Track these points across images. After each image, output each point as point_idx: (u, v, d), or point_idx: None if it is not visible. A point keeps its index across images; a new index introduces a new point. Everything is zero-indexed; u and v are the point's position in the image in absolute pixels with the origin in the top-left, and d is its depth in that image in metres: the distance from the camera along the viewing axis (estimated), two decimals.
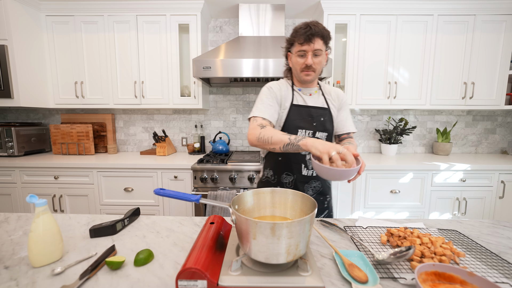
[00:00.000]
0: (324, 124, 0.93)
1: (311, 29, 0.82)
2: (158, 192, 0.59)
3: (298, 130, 0.91)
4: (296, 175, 0.95)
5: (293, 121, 0.91)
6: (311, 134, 0.91)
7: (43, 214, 0.57)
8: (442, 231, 0.73)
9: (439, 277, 0.47)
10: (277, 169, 0.98)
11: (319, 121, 0.92)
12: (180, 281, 0.45)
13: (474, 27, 1.82)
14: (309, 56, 0.85)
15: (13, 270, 0.54)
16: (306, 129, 0.91)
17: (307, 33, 0.82)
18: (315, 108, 0.93)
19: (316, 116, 0.92)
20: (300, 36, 0.84)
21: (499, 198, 1.71)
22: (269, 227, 0.45)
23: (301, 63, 0.87)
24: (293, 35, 0.87)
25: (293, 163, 0.94)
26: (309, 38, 0.82)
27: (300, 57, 0.87)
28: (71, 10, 1.86)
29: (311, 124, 0.91)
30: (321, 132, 0.92)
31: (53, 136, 2.03)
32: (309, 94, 0.95)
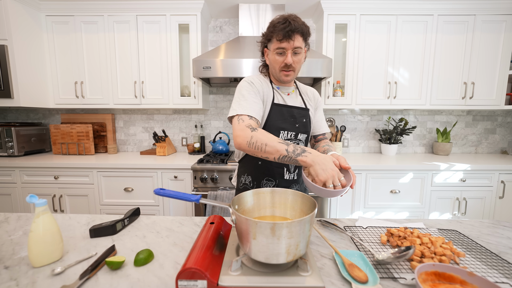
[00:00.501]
0: (305, 125, 0.88)
1: (290, 25, 0.74)
2: (158, 192, 0.59)
3: (280, 131, 0.84)
4: (278, 180, 0.88)
5: (275, 122, 0.84)
6: (293, 136, 0.86)
7: (43, 214, 0.57)
8: (442, 231, 0.73)
9: (439, 277, 0.47)
10: (256, 175, 0.89)
11: (301, 123, 0.86)
12: (180, 281, 0.45)
13: (474, 27, 1.82)
14: (289, 54, 0.78)
15: (13, 270, 0.54)
16: (288, 131, 0.85)
17: (286, 29, 0.74)
18: (297, 109, 0.87)
19: (298, 117, 0.86)
20: (278, 32, 0.76)
21: (499, 198, 1.71)
22: (269, 227, 0.45)
23: (280, 62, 0.80)
24: (270, 30, 0.79)
25: (275, 167, 0.87)
26: (288, 34, 0.75)
27: (278, 55, 0.80)
28: (71, 10, 1.86)
29: (293, 126, 0.85)
30: (303, 134, 0.88)
31: (53, 136, 2.03)
32: (287, 94, 0.89)
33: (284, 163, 0.83)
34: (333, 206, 1.72)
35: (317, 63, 1.62)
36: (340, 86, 1.96)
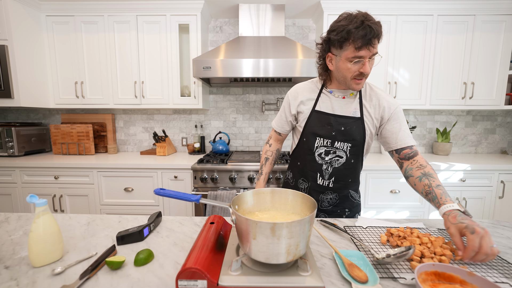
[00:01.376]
0: (347, 133, 0.82)
1: (372, 31, 0.67)
2: (158, 192, 0.59)
3: (316, 137, 0.86)
4: (311, 183, 0.90)
5: (312, 128, 0.86)
6: (330, 143, 0.84)
7: (43, 214, 0.57)
8: (442, 231, 0.73)
9: (439, 277, 0.47)
10: (295, 173, 0.96)
11: (339, 131, 0.83)
12: (180, 281, 0.45)
13: (474, 27, 1.82)
14: (367, 63, 0.71)
15: (13, 270, 0.54)
16: (324, 138, 0.84)
17: (368, 37, 0.67)
18: (338, 117, 0.83)
19: (336, 125, 0.83)
20: (357, 39, 0.68)
21: (499, 198, 1.71)
22: (269, 227, 0.45)
23: (354, 71, 0.73)
24: (343, 35, 0.70)
25: (309, 170, 0.89)
26: (369, 41, 0.68)
27: (353, 64, 0.73)
28: (71, 10, 1.86)
29: (329, 133, 0.84)
30: (342, 142, 0.83)
31: (53, 136, 2.03)
32: (342, 97, 0.84)
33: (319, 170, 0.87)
34: None
35: None
36: None
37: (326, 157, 0.85)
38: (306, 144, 0.88)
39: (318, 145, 0.86)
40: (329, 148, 0.85)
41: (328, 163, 0.85)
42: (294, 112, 0.91)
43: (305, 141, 0.89)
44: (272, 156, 1.01)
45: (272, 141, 1.03)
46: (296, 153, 0.95)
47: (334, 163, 0.85)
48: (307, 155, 0.88)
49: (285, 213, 0.63)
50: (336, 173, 0.86)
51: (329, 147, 0.85)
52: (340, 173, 0.86)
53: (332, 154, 0.85)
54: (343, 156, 0.84)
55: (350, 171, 0.87)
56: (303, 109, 0.88)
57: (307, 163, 0.89)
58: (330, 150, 0.85)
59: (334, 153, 0.84)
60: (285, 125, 0.96)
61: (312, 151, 0.87)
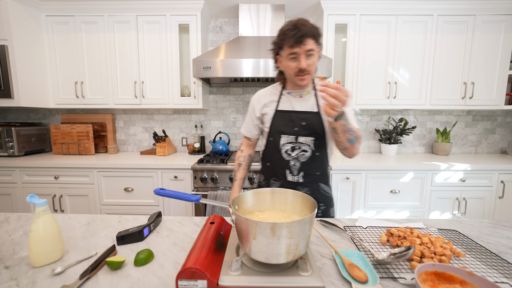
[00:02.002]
0: (308, 128, 0.88)
1: (300, 30, 0.76)
2: (158, 192, 0.59)
3: (281, 135, 0.91)
4: (282, 181, 0.94)
5: (276, 126, 0.92)
6: (294, 139, 0.89)
7: (43, 214, 0.57)
8: (442, 231, 0.73)
9: (439, 277, 0.47)
10: (266, 174, 1.00)
11: (300, 126, 0.88)
12: (180, 281, 0.46)
13: (474, 27, 1.82)
14: (302, 59, 0.79)
15: (14, 270, 0.54)
16: (288, 134, 0.90)
17: (297, 35, 0.76)
18: (298, 113, 0.89)
19: (297, 121, 0.89)
20: (288, 39, 0.77)
21: (499, 198, 1.71)
22: (269, 227, 0.45)
23: (293, 67, 0.82)
24: (280, 37, 0.81)
25: (278, 168, 0.93)
26: (299, 40, 0.76)
27: (291, 61, 0.81)
28: (71, 10, 1.86)
29: (292, 129, 0.89)
30: (305, 137, 0.88)
31: (53, 136, 2.03)
32: (300, 96, 0.91)
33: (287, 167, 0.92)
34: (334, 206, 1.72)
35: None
36: None
37: (292, 153, 0.90)
38: (273, 143, 0.93)
39: (284, 142, 0.90)
40: (294, 144, 0.90)
41: (295, 158, 0.90)
42: (259, 115, 0.97)
43: (271, 140, 0.94)
44: (245, 161, 1.05)
45: (244, 147, 1.07)
46: (265, 155, 1.00)
47: (301, 157, 0.90)
48: (275, 153, 0.93)
49: (285, 213, 0.63)
50: (304, 168, 0.91)
51: (293, 143, 0.90)
52: (307, 166, 0.91)
53: (297, 150, 0.90)
54: (307, 150, 0.89)
55: (317, 164, 0.92)
56: (267, 111, 0.95)
57: (276, 161, 0.94)
58: (295, 145, 0.90)
59: (299, 148, 0.89)
60: (252, 129, 1.01)
61: (279, 149, 0.91)
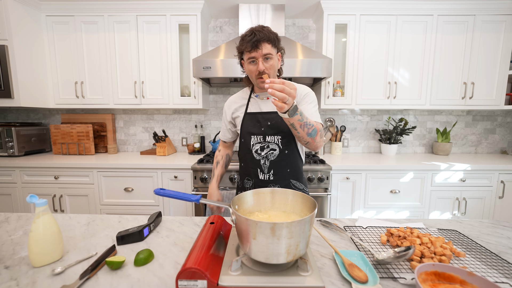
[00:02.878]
0: (274, 127, 0.92)
1: (255, 35, 0.82)
2: (158, 192, 0.59)
3: (251, 136, 0.95)
4: (254, 180, 0.98)
5: (246, 128, 0.96)
6: (262, 139, 0.93)
7: (43, 214, 0.57)
8: (442, 231, 0.73)
9: (439, 277, 0.47)
10: (241, 174, 1.04)
11: (266, 126, 0.92)
12: (180, 281, 0.46)
13: (474, 27, 1.82)
14: (260, 62, 0.84)
15: (14, 270, 0.54)
16: (257, 135, 0.94)
17: (253, 40, 0.82)
18: (263, 114, 0.94)
19: (263, 121, 0.93)
20: (246, 44, 0.83)
21: (499, 198, 1.71)
22: (269, 227, 0.45)
23: (254, 70, 0.86)
24: (240, 43, 0.87)
25: (251, 168, 0.97)
26: (255, 44, 0.82)
27: (251, 65, 0.87)
28: (71, 10, 1.86)
29: (260, 129, 0.93)
30: (272, 136, 0.92)
31: (53, 136, 2.03)
32: (267, 98, 0.95)
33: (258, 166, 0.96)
34: (333, 206, 1.72)
35: (317, 63, 1.62)
36: (340, 86, 1.96)
37: (262, 152, 0.94)
38: (245, 144, 0.98)
39: (254, 142, 0.95)
40: (263, 143, 0.94)
41: (265, 157, 0.94)
42: (230, 119, 1.03)
43: (243, 141, 0.98)
44: (223, 159, 1.11)
45: (221, 147, 1.14)
46: (240, 156, 1.04)
47: (270, 156, 0.94)
48: (246, 154, 0.98)
49: (285, 213, 0.63)
50: (274, 166, 0.94)
51: (262, 143, 0.94)
52: (277, 165, 0.94)
53: (266, 149, 0.94)
54: (276, 148, 0.93)
55: (287, 162, 0.95)
56: (238, 114, 1.00)
57: (248, 161, 0.98)
58: (264, 145, 0.94)
59: (268, 147, 0.93)
60: (226, 133, 1.08)
61: (250, 149, 0.96)
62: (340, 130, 2.13)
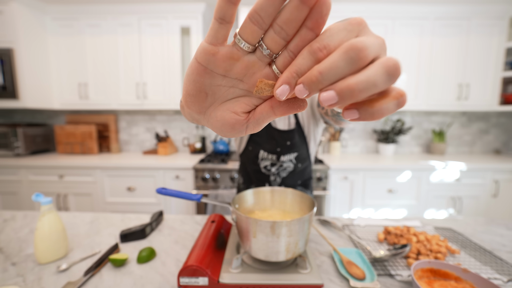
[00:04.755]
0: (292, 147, 0.81)
1: None
2: (160, 191, 0.60)
3: (260, 150, 0.83)
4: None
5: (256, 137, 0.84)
6: (275, 158, 0.82)
7: (48, 213, 0.58)
8: (438, 229, 0.74)
9: (434, 273, 0.48)
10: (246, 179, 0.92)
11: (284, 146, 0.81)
12: (182, 278, 0.47)
13: (469, 30, 1.83)
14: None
15: (20, 267, 0.56)
16: (268, 152, 0.82)
17: None
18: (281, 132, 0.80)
19: (280, 140, 0.81)
20: None
21: (493, 197, 1.71)
22: (269, 225, 0.46)
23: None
24: None
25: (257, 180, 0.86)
26: None
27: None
28: (76, 14, 1.89)
29: (274, 148, 0.82)
30: (288, 155, 0.82)
31: (58, 136, 2.05)
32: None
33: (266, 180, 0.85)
34: (332, 205, 1.73)
35: None
36: None
37: (272, 168, 0.84)
38: (251, 153, 0.85)
39: (263, 157, 0.83)
40: (275, 162, 0.83)
41: (276, 174, 0.85)
42: None
43: (250, 150, 0.86)
44: None
45: None
46: (243, 158, 0.91)
47: (282, 173, 0.84)
48: (252, 164, 0.86)
49: (285, 212, 0.64)
50: (285, 181, 0.86)
51: (274, 161, 0.83)
52: (288, 179, 0.86)
53: (277, 166, 0.83)
54: (290, 165, 0.83)
55: (299, 175, 0.87)
56: None
57: (254, 173, 0.87)
58: (276, 163, 0.83)
59: (280, 166, 0.83)
60: None
61: (257, 163, 0.85)
62: (339, 131, 2.14)
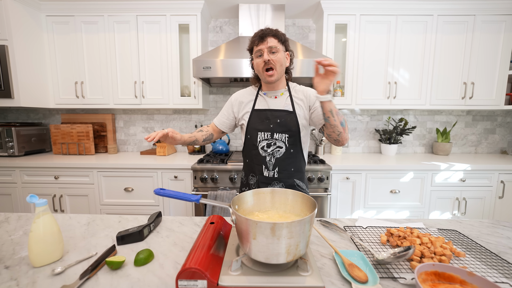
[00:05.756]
0: (282, 125, 0.94)
1: (263, 31, 0.90)
2: (158, 192, 0.59)
3: (258, 132, 0.96)
4: (258, 176, 0.98)
5: (253, 124, 0.97)
6: (269, 135, 0.95)
7: (43, 214, 0.57)
8: (442, 231, 0.73)
9: (439, 277, 0.47)
10: (246, 171, 1.05)
11: (275, 123, 0.95)
12: (180, 281, 0.46)
13: (474, 27, 1.82)
14: (265, 52, 0.88)
15: (14, 270, 0.54)
16: (264, 131, 0.95)
17: (259, 34, 0.89)
18: (273, 111, 0.96)
19: (272, 118, 0.95)
20: (254, 38, 0.91)
21: (499, 198, 1.71)
22: (269, 227, 0.45)
23: (260, 63, 0.90)
24: (250, 42, 0.94)
25: (255, 164, 0.98)
26: (262, 38, 0.89)
27: (258, 58, 0.91)
28: (71, 10, 1.86)
29: (268, 126, 0.95)
30: (280, 133, 0.94)
31: (53, 136, 2.03)
32: (275, 97, 0.98)
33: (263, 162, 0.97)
34: (333, 206, 1.72)
35: None
36: (340, 86, 1.96)
37: (268, 149, 0.96)
38: (251, 140, 0.98)
39: (260, 139, 0.96)
40: (270, 140, 0.95)
41: (271, 154, 0.96)
42: (236, 111, 1.04)
43: (249, 138, 0.99)
44: (205, 132, 1.08)
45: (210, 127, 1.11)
46: (244, 152, 1.05)
47: (276, 153, 0.96)
48: (252, 150, 0.98)
49: (285, 213, 0.63)
50: (279, 163, 0.96)
51: (269, 140, 0.95)
52: (282, 162, 0.96)
53: (273, 146, 0.95)
54: (282, 146, 0.95)
55: (292, 161, 0.97)
56: (246, 109, 1.01)
57: (253, 157, 0.99)
58: (271, 142, 0.95)
59: (274, 145, 0.95)
60: (224, 120, 1.07)
61: (256, 146, 0.97)
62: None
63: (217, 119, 1.09)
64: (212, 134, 1.10)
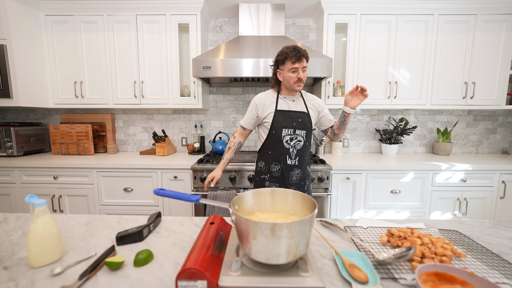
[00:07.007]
0: (302, 123, 1.18)
1: (300, 52, 1.09)
2: (158, 192, 0.59)
3: (283, 129, 1.17)
4: (282, 164, 1.20)
5: (278, 122, 1.18)
6: (292, 131, 1.17)
7: (42, 215, 0.57)
8: (442, 232, 0.73)
9: (439, 277, 0.47)
10: (268, 160, 1.23)
11: (297, 122, 1.18)
12: (180, 281, 0.45)
13: (475, 26, 1.82)
14: (300, 71, 1.11)
15: (12, 271, 0.54)
16: (288, 128, 1.17)
17: (298, 55, 1.09)
18: (295, 112, 1.19)
19: (295, 118, 1.18)
20: (292, 56, 1.09)
21: (500, 198, 1.70)
22: (269, 227, 0.45)
23: (294, 77, 1.12)
24: (284, 56, 1.11)
25: (280, 154, 1.20)
26: (299, 58, 1.09)
27: (292, 73, 1.12)
28: (70, 10, 1.86)
29: (291, 124, 1.17)
30: (300, 130, 1.18)
31: (53, 136, 2.03)
32: (292, 100, 1.22)
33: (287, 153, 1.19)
34: (333, 206, 1.72)
35: (317, 63, 1.62)
36: (340, 86, 1.96)
37: (291, 142, 1.18)
38: (275, 136, 1.19)
39: (285, 134, 1.18)
40: (292, 135, 1.18)
41: (293, 146, 1.19)
42: (261, 112, 1.22)
43: (274, 133, 1.19)
44: (234, 146, 1.31)
45: (237, 134, 1.32)
46: (266, 145, 1.24)
47: (297, 146, 1.19)
48: (277, 143, 1.19)
49: (285, 214, 0.63)
50: (299, 153, 1.20)
51: (292, 135, 1.18)
52: (301, 153, 1.20)
53: (294, 140, 1.18)
54: (301, 140, 1.19)
55: (307, 152, 1.24)
56: (269, 110, 1.20)
57: (277, 149, 1.20)
58: (293, 136, 1.18)
59: (296, 139, 1.18)
60: (251, 121, 1.26)
61: (281, 140, 1.18)
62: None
63: (244, 121, 1.27)
64: (240, 142, 1.32)
